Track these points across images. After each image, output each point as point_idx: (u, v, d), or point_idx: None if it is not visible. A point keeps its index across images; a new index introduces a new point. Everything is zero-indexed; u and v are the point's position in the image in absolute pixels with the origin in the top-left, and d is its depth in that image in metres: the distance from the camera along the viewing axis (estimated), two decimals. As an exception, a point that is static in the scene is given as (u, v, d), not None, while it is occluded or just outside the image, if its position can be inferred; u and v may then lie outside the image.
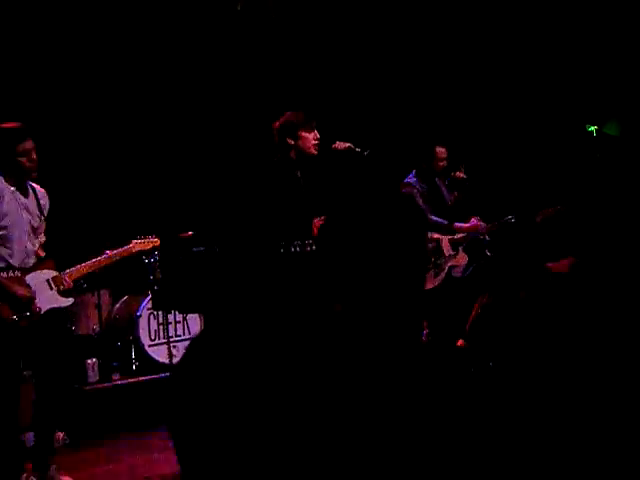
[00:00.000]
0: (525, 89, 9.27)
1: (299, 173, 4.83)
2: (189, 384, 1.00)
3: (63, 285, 4.68)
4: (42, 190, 4.81)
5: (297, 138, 4.77)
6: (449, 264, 6.23)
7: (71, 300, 4.79)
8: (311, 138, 4.77)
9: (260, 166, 4.85)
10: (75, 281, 4.84)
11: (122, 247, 5.11)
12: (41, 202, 4.73)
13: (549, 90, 9.29)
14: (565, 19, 9.13)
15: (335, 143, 4.71)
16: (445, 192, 6.53)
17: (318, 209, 4.77)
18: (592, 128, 9.14)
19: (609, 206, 7.90)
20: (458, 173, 6.60)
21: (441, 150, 6.41)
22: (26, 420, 4.80)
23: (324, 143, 4.76)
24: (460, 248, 6.30)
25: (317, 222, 4.66)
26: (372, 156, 4.57)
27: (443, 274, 6.17)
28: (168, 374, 6.22)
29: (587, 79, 9.16)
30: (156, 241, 5.23)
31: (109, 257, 5.01)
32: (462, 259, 6.31)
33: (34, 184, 4.75)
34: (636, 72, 9.00)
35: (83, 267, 4.89)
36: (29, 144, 4.52)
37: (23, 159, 4.49)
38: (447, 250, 6.25)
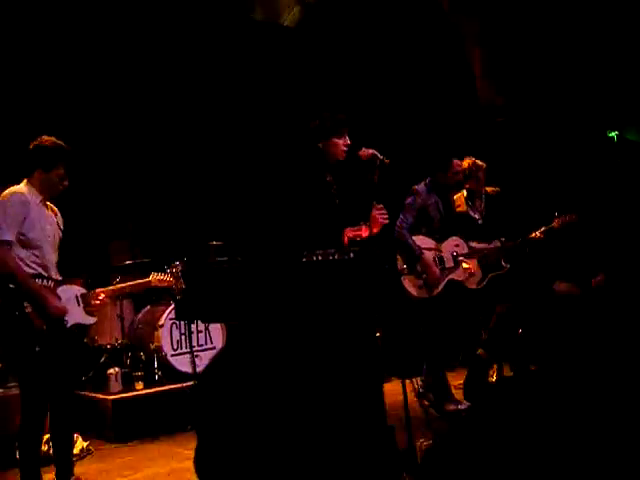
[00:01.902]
0: (540, 94, 9.24)
1: (330, 177, 4.83)
2: (217, 392, 1.01)
3: (94, 302, 4.78)
4: (56, 209, 4.88)
5: (327, 143, 4.76)
6: (448, 277, 6.20)
7: (94, 319, 4.88)
8: (341, 144, 4.76)
9: (291, 170, 4.85)
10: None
11: (142, 279, 5.49)
12: (58, 220, 4.81)
13: (569, 96, 9.26)
14: (585, 26, 9.10)
15: (361, 150, 4.71)
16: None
17: (349, 217, 4.77)
18: (613, 134, 9.09)
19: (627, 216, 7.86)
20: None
21: (458, 163, 6.40)
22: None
23: (352, 149, 4.76)
24: (461, 263, 6.25)
25: (349, 232, 4.65)
26: (392, 164, 4.56)
27: (441, 286, 6.13)
28: (191, 383, 6.23)
29: (607, 84, 9.12)
30: (171, 281, 5.46)
31: (129, 286, 5.41)
32: (462, 274, 6.27)
33: (48, 202, 4.82)
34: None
35: (107, 290, 5.05)
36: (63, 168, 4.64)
37: (58, 182, 4.60)
38: (449, 263, 6.23)
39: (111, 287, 5.21)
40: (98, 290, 4.86)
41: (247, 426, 0.86)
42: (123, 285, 5.39)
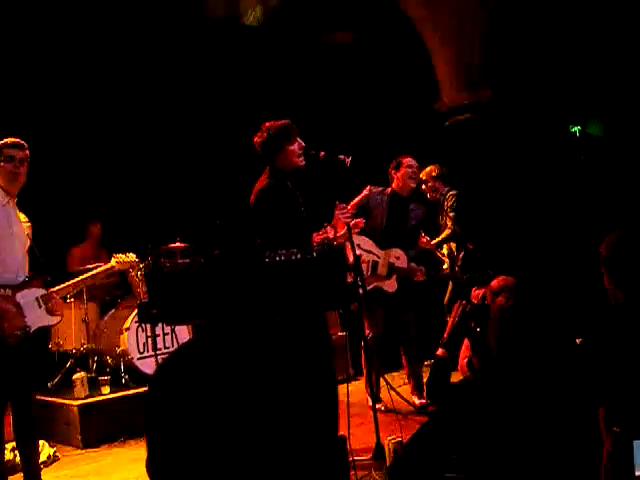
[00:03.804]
0: (504, 90, 9.30)
1: (290, 184, 4.81)
2: (171, 392, 0.99)
3: (52, 303, 4.65)
4: (24, 216, 4.81)
5: (283, 151, 4.73)
6: (375, 284, 6.13)
7: (59, 319, 4.79)
8: (296, 149, 4.73)
9: (256, 181, 4.83)
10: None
11: (103, 265, 5.57)
12: (27, 226, 4.74)
13: (531, 91, 9.33)
14: (549, 23, 9.17)
15: (320, 152, 4.70)
16: (412, 211, 6.37)
17: (314, 220, 4.77)
18: (575, 129, 9.18)
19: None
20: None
21: (410, 163, 6.30)
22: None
23: (309, 152, 4.74)
24: (394, 276, 6.20)
25: (315, 237, 4.64)
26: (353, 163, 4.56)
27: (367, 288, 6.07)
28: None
29: (569, 79, 9.20)
30: (133, 261, 5.70)
31: (90, 276, 5.43)
32: (391, 286, 6.21)
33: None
34: (618, 72, 9.04)
35: (68, 285, 5.05)
36: (17, 152, 4.50)
37: (8, 165, 4.46)
38: (382, 271, 6.16)
39: (66, 283, 5.11)
40: (51, 290, 4.75)
41: (199, 431, 0.84)
42: (80, 278, 5.31)
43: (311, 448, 0.98)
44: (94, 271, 5.49)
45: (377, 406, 5.91)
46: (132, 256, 5.73)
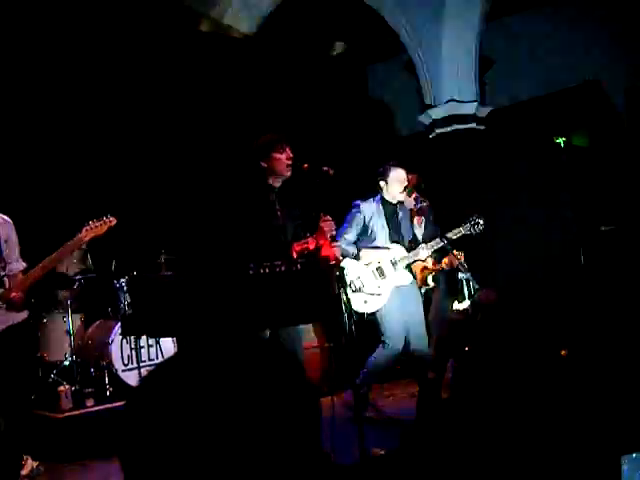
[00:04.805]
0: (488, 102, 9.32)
1: (273, 196, 4.85)
2: (149, 411, 0.98)
3: (10, 299, 4.49)
4: (2, 218, 4.68)
5: (269, 160, 4.79)
6: (393, 285, 5.98)
7: (25, 313, 4.60)
8: (283, 159, 4.79)
9: (237, 189, 4.87)
10: (32, 287, 4.65)
11: (73, 238, 4.73)
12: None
13: (516, 102, 9.37)
14: (531, 33, 9.20)
15: (305, 164, 4.73)
16: (405, 220, 6.23)
17: (295, 232, 4.78)
18: (560, 140, 9.21)
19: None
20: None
21: (400, 175, 6.15)
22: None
23: (296, 164, 4.78)
24: (399, 269, 5.99)
25: (296, 246, 4.64)
26: (338, 175, 4.57)
27: (385, 297, 5.90)
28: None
29: (553, 92, 9.24)
30: (111, 221, 4.86)
31: (59, 252, 4.66)
32: (404, 279, 6.02)
33: None
34: (602, 83, 9.10)
35: (36, 270, 4.61)
36: None
37: None
38: (388, 271, 6.00)
39: (37, 266, 4.61)
40: (13, 289, 4.55)
41: (178, 448, 0.83)
42: (49, 257, 4.62)
43: (292, 466, 0.97)
44: (66, 245, 4.68)
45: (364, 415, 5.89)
46: (108, 219, 4.88)
